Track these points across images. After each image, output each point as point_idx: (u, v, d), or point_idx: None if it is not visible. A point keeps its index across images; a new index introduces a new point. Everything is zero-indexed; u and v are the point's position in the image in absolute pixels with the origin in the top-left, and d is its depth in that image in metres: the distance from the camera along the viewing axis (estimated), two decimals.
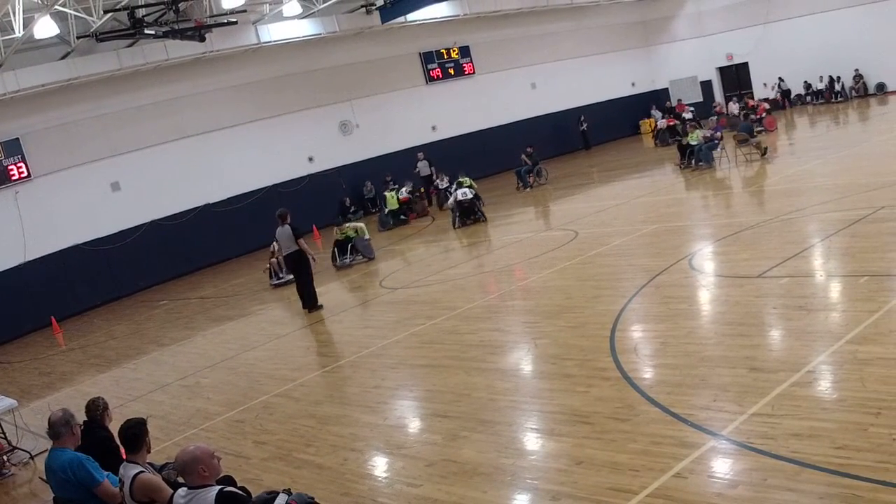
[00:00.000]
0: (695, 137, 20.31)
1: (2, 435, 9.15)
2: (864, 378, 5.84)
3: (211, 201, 22.87)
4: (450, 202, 20.11)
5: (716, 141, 20.01)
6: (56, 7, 15.97)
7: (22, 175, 19.62)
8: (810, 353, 6.59)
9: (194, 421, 8.90)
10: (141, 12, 17.08)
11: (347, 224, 17.98)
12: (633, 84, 34.15)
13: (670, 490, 4.99)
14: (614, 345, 8.00)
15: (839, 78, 28.85)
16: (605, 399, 6.69)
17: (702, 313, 8.83)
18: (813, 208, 12.27)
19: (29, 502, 7.75)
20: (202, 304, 17.03)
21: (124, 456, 5.28)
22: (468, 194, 19.10)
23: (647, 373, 7.20)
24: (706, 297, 9.27)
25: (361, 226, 17.93)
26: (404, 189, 22.76)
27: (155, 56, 20.40)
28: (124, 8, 17.28)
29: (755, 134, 20.03)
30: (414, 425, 7.53)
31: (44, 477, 5.98)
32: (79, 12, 17.52)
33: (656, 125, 29.87)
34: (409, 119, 27.30)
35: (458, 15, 26.55)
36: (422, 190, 23.99)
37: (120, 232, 21.20)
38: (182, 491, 4.50)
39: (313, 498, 5.05)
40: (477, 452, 6.27)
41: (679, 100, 33.61)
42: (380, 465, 6.63)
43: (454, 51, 28.65)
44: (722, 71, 32.98)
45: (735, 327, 7.78)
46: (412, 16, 24.70)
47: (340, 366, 9.87)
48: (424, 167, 24.97)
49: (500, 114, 29.18)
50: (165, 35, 17.50)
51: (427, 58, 27.99)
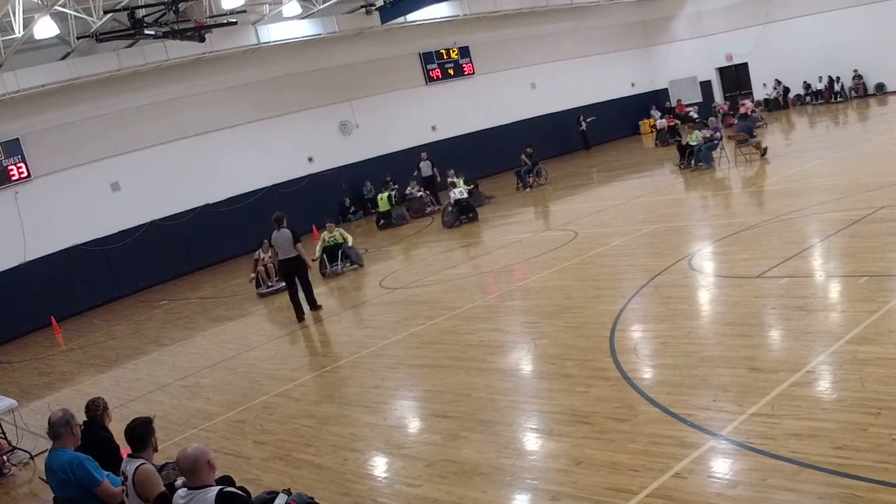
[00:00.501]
0: (694, 138, 20.31)
1: (2, 435, 9.15)
2: (864, 378, 5.85)
3: (211, 201, 22.87)
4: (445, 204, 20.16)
5: (715, 141, 20.03)
6: (56, 7, 15.95)
7: (22, 175, 19.61)
8: (810, 354, 6.60)
9: (194, 421, 8.91)
10: (141, 13, 17.07)
11: (336, 228, 17.03)
12: (633, 84, 34.15)
13: (670, 490, 4.99)
14: (614, 345, 8.01)
15: (839, 78, 28.84)
16: (605, 399, 6.70)
17: (701, 313, 8.84)
18: (812, 208, 12.28)
19: (29, 502, 7.75)
20: (202, 304, 17.03)
21: (124, 455, 5.28)
22: (464, 193, 19.61)
23: (647, 373, 7.21)
24: (706, 298, 9.28)
25: (349, 237, 17.01)
26: (415, 189, 22.65)
27: (155, 56, 20.40)
28: (124, 8, 17.28)
29: (755, 134, 20.04)
30: (414, 425, 7.53)
31: (44, 477, 5.98)
32: (79, 13, 17.52)
33: (656, 125, 29.85)
34: (409, 119, 27.29)
35: (458, 15, 26.54)
36: (424, 190, 23.98)
37: (120, 232, 21.19)
38: (182, 491, 4.51)
39: (313, 498, 5.06)
40: (477, 452, 6.27)
41: (679, 100, 33.65)
42: (380, 465, 6.63)
43: (454, 51, 28.64)
44: (721, 71, 33.00)
45: (735, 327, 7.78)
46: (412, 16, 24.69)
47: (340, 366, 9.87)
48: (427, 167, 24.95)
49: (500, 114, 29.16)
50: (165, 35, 17.50)
51: (427, 58, 27.99)
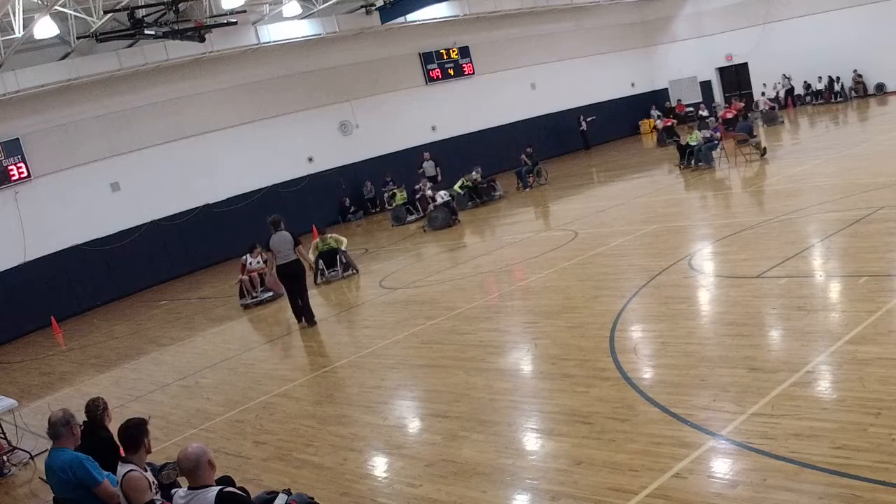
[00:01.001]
0: (694, 138, 20.32)
1: (2, 435, 9.15)
2: (864, 378, 5.85)
3: (211, 201, 22.88)
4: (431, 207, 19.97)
5: (715, 141, 20.04)
6: (56, 7, 15.96)
7: (22, 175, 19.61)
8: (810, 354, 6.60)
9: (194, 421, 8.90)
10: (141, 13, 17.09)
11: (330, 235, 16.21)
12: (633, 84, 34.16)
13: (670, 490, 4.99)
14: (614, 345, 8.01)
15: (839, 78, 28.85)
16: (605, 399, 6.69)
17: (701, 313, 8.83)
18: (812, 208, 12.28)
19: (29, 502, 7.74)
20: (202, 304, 17.03)
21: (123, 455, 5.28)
22: (444, 197, 19.84)
23: (647, 373, 7.21)
24: (706, 298, 9.27)
25: (343, 239, 16.33)
26: (427, 187, 22.60)
27: (155, 56, 20.40)
28: (124, 8, 17.29)
29: (755, 134, 20.05)
30: (413, 425, 7.53)
31: (44, 477, 5.98)
32: (79, 13, 17.53)
33: (657, 126, 29.84)
34: (409, 119, 27.29)
35: (458, 15, 26.55)
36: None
37: (120, 232, 21.19)
38: (182, 491, 4.51)
39: (313, 498, 5.07)
40: (476, 452, 6.27)
41: (679, 100, 33.66)
42: (379, 465, 6.63)
43: (454, 51, 28.64)
44: (721, 71, 33.00)
45: (735, 327, 7.78)
46: (412, 16, 24.71)
47: (340, 366, 9.87)
48: (430, 167, 24.95)
49: (500, 114, 29.17)
50: (165, 35, 17.51)
51: (427, 58, 27.98)
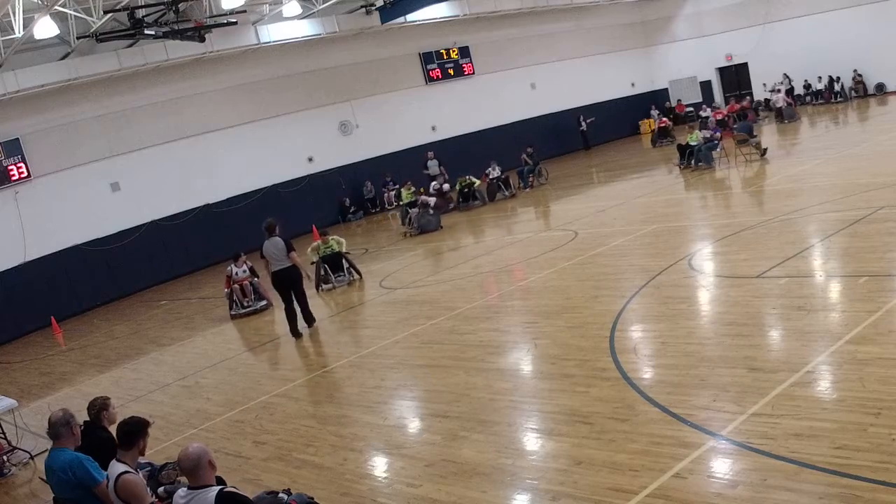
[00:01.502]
0: (694, 138, 20.32)
1: (2, 435, 9.15)
2: (864, 378, 5.85)
3: (211, 201, 22.88)
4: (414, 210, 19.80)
5: (715, 141, 20.03)
6: (56, 7, 15.96)
7: (22, 175, 19.61)
8: (810, 354, 6.60)
9: (194, 421, 8.91)
10: (141, 13, 17.09)
11: (332, 237, 15.47)
12: (633, 84, 34.14)
13: (670, 490, 4.99)
14: (614, 345, 8.01)
15: (839, 78, 28.84)
16: (605, 399, 6.69)
17: (701, 313, 8.83)
18: (812, 208, 12.28)
19: (29, 502, 7.75)
20: (202, 304, 17.03)
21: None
22: (428, 202, 19.99)
23: (647, 373, 7.21)
24: (706, 298, 9.27)
25: (343, 240, 15.60)
26: (443, 183, 22.53)
27: (155, 56, 20.40)
28: (124, 8, 17.29)
29: (755, 134, 20.05)
30: (413, 425, 7.53)
31: (44, 477, 5.98)
32: (79, 13, 17.52)
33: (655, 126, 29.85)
34: (409, 119, 27.28)
35: (458, 15, 26.55)
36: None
37: (120, 232, 21.19)
38: (182, 491, 4.51)
39: (313, 498, 5.07)
40: (476, 452, 6.27)
41: (679, 100, 33.66)
42: (379, 465, 6.63)
43: (454, 51, 28.64)
44: (721, 71, 33.00)
45: (735, 327, 7.78)
46: (412, 16, 24.70)
47: (340, 366, 9.87)
48: (434, 167, 24.94)
49: (500, 114, 29.16)
50: (165, 35, 17.52)
51: (427, 58, 27.98)
